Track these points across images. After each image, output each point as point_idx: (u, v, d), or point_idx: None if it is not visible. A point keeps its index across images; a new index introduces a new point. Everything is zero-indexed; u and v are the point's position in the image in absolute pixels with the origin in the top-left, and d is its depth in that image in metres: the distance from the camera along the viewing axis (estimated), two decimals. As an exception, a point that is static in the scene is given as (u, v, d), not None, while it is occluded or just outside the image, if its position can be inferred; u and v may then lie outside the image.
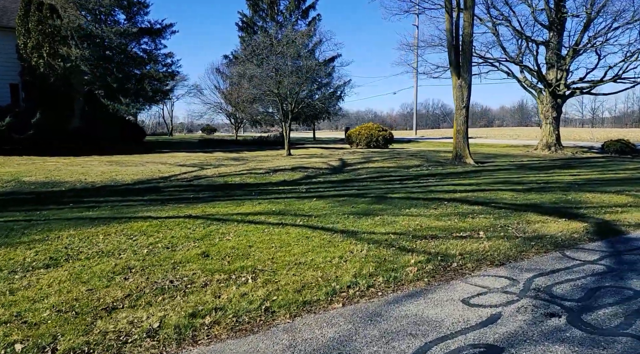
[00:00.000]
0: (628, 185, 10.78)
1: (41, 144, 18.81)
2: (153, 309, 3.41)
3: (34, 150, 18.47)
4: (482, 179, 12.42)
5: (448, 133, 66.98)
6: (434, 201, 8.68)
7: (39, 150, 18.55)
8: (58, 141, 19.69)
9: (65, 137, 19.91)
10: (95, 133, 20.72)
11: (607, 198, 8.84)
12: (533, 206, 8.05)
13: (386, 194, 9.71)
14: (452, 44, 17.36)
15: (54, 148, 19.20)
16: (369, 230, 6.22)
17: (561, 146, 22.79)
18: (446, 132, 75.40)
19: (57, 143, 19.62)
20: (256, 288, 3.88)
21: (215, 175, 12.73)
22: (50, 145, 19.27)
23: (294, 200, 8.88)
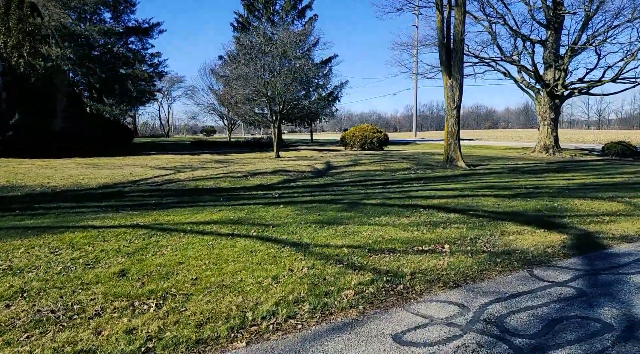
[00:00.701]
0: (622, 190, 10.12)
1: (22, 146, 18.33)
2: (8, 350, 2.82)
3: (14, 152, 18.00)
4: (469, 183, 11.79)
5: (449, 134, 66.30)
6: (409, 208, 8.08)
7: (19, 152, 18.08)
8: (40, 142, 19.21)
9: (48, 139, 19.42)
10: (80, 134, 20.22)
11: (597, 206, 8.20)
12: (514, 215, 7.43)
13: (362, 200, 9.12)
14: (443, 42, 16.76)
15: (36, 150, 18.72)
16: (325, 242, 5.63)
17: (559, 148, 22.10)
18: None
19: (39, 144, 19.14)
20: (152, 320, 3.29)
21: (188, 179, 12.17)
22: (33, 146, 18.80)
23: (259, 207, 8.30)
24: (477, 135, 59.59)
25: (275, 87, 19.81)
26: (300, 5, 38.09)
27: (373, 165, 16.44)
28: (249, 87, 20.32)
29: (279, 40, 20.91)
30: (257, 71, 20.22)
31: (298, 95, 21.22)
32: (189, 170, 14.34)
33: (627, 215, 7.26)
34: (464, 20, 16.42)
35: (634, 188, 10.50)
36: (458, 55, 16.47)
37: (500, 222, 6.86)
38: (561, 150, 22.06)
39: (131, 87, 21.75)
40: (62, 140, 19.79)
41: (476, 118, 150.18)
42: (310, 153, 23.81)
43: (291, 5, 37.66)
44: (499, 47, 21.18)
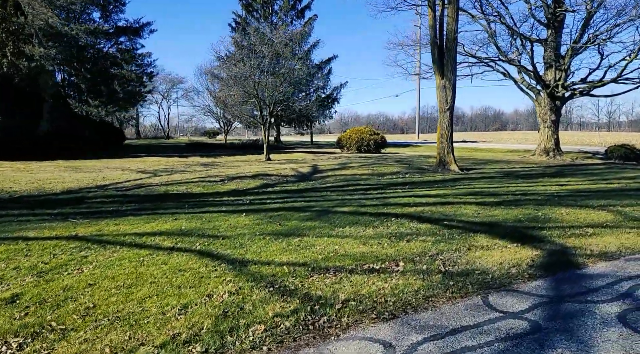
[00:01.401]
0: (616, 198, 9.45)
1: (5, 148, 17.95)
2: None
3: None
4: (455, 189, 11.17)
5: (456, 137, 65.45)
6: (380, 218, 7.51)
7: (2, 154, 17.69)
8: (25, 145, 18.84)
9: (33, 141, 19.04)
10: (66, 136, 19.83)
11: (584, 215, 7.55)
12: (490, 226, 6.82)
13: (334, 207, 8.55)
14: (436, 41, 16.15)
15: (20, 152, 18.35)
16: (269, 259, 5.08)
17: (560, 151, 21.35)
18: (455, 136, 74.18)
19: (24, 146, 18.77)
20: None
21: (162, 183, 11.68)
22: (17, 149, 18.43)
23: (221, 215, 7.76)
24: (483, 137, 58.68)
25: (265, 88, 19.28)
26: (299, 6, 37.62)
27: (362, 168, 15.84)
28: (239, 87, 19.79)
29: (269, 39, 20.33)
30: (247, 71, 19.70)
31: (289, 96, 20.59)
32: (167, 174, 13.85)
33: (614, 227, 6.61)
34: (457, 18, 15.80)
35: (629, 195, 9.82)
36: (451, 55, 15.83)
37: (473, 235, 6.26)
38: (562, 153, 21.30)
39: (118, 88, 21.30)
40: (47, 142, 19.41)
41: (484, 120, 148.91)
42: (302, 156, 23.27)
43: (290, 6, 37.19)
44: (497, 46, 20.49)
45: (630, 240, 5.83)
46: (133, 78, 22.19)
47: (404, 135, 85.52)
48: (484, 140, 47.15)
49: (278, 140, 40.54)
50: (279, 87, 19.08)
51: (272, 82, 19.13)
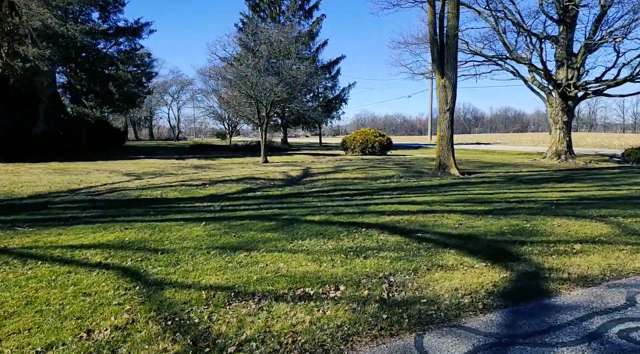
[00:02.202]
0: (622, 206, 8.60)
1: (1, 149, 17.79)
2: None
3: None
4: (447, 195, 10.42)
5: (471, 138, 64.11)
6: (351, 228, 6.87)
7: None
8: (22, 145, 18.67)
9: (30, 142, 18.86)
10: (63, 137, 19.60)
11: (577, 228, 6.77)
12: (466, 239, 6.11)
13: (306, 216, 7.91)
14: (435, 38, 15.37)
15: (16, 153, 18.18)
16: (196, 280, 4.51)
17: (573, 154, 20.28)
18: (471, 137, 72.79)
19: (21, 147, 18.61)
20: None
21: (139, 187, 11.20)
22: (14, 149, 18.27)
23: (177, 224, 7.19)
24: (500, 139, 57.27)
25: (262, 88, 18.74)
26: (307, 5, 37.05)
27: (356, 172, 15.15)
28: (235, 87, 19.28)
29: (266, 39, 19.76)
30: (243, 71, 19.19)
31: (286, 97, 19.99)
32: (152, 177, 13.42)
33: (606, 243, 5.82)
34: (457, 14, 15.00)
35: (636, 203, 8.92)
36: (451, 53, 15.03)
37: (442, 250, 5.56)
38: (575, 156, 20.23)
39: (113, 88, 20.98)
40: (44, 143, 19.22)
41: (504, 122, 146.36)
42: (302, 158, 22.67)
43: (298, 6, 36.64)
44: (505, 44, 19.57)
45: (619, 259, 5.05)
46: (129, 78, 21.88)
47: (419, 137, 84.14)
48: (499, 142, 45.91)
49: (285, 141, 40.03)
50: (274, 87, 18.49)
51: (269, 81, 18.56)
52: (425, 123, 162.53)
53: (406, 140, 65.73)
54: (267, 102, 19.15)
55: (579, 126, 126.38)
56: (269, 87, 18.51)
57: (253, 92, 18.76)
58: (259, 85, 18.78)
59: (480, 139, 58.12)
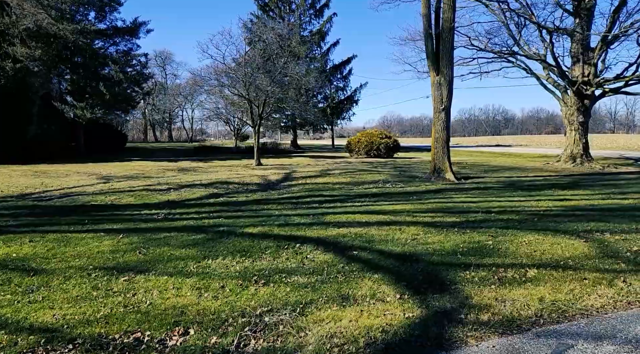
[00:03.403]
0: (617, 219, 7.43)
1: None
2: None
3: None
4: (424, 204, 9.38)
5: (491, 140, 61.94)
6: (286, 243, 6.07)
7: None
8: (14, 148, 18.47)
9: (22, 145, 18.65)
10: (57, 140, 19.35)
11: (547, 246, 5.70)
12: (405, 261, 5.17)
13: (246, 227, 7.08)
14: (429, 32, 14.27)
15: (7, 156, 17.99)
16: (20, 317, 3.70)
17: (589, 157, 18.74)
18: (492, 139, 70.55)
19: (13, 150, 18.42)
20: None
21: (95, 192, 10.59)
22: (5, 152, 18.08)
23: (94, 236, 6.46)
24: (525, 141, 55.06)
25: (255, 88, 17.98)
26: (318, 4, 36.18)
27: (342, 176, 14.19)
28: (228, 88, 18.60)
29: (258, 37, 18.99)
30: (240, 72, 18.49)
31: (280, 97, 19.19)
32: (124, 180, 12.88)
33: (571, 268, 4.75)
34: (453, 6, 13.88)
35: (636, 216, 7.68)
36: (446, 47, 13.91)
37: (366, 275, 4.65)
38: (591, 160, 18.69)
39: (104, 89, 20.55)
40: (36, 146, 18.98)
41: (536, 123, 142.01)
42: (299, 161, 21.83)
43: (308, 5, 35.85)
44: (514, 38, 18.25)
45: (573, 293, 4.00)
46: (121, 79, 21.45)
47: (457, 139, 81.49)
48: (523, 144, 43.98)
49: (295, 143, 39.26)
50: (267, 87, 17.69)
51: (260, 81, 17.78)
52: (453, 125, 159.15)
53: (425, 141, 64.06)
54: (259, 103, 18.38)
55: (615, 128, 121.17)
56: (262, 87, 17.73)
57: (246, 92, 18.02)
58: (252, 85, 18.02)
59: (504, 141, 56.04)
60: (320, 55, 36.64)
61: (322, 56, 36.60)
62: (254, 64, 18.37)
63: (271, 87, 17.49)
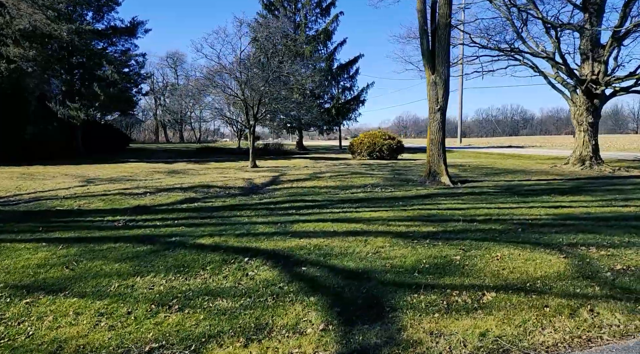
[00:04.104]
0: (610, 230, 6.76)
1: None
2: None
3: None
4: (406, 211, 8.80)
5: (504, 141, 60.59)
6: (233, 256, 5.66)
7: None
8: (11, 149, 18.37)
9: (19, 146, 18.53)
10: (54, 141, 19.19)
11: (520, 263, 5.12)
12: (355, 279, 4.68)
13: (199, 238, 6.61)
14: (424, 28, 13.62)
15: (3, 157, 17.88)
16: None
17: (599, 160, 17.84)
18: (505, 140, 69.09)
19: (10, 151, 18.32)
20: None
21: (66, 197, 10.25)
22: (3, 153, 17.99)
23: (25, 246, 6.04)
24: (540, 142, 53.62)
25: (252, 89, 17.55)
26: (324, 3, 35.61)
27: (333, 180, 13.65)
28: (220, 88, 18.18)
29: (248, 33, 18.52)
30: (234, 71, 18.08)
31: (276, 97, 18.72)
32: (105, 183, 12.52)
33: (537, 291, 4.18)
34: (450, 0, 13.21)
35: (631, 227, 6.98)
36: (442, 45, 13.26)
37: (303, 297, 4.21)
38: (601, 162, 17.78)
39: (98, 90, 20.31)
40: (33, 147, 18.85)
41: (555, 123, 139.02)
42: (297, 163, 21.33)
43: (315, 4, 35.31)
44: (519, 33, 17.46)
45: (525, 326, 3.45)
46: (116, 79, 21.18)
47: (470, 139, 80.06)
48: (536, 145, 42.79)
49: (300, 144, 38.75)
50: (260, 87, 17.22)
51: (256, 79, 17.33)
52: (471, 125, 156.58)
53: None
54: (254, 103, 17.94)
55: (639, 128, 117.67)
56: (255, 88, 17.28)
57: (241, 91, 17.59)
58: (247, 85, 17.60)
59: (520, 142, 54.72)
60: (327, 54, 36.06)
61: (329, 55, 36.01)
62: (248, 63, 17.91)
63: (264, 87, 17.03)
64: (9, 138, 18.42)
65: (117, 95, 21.47)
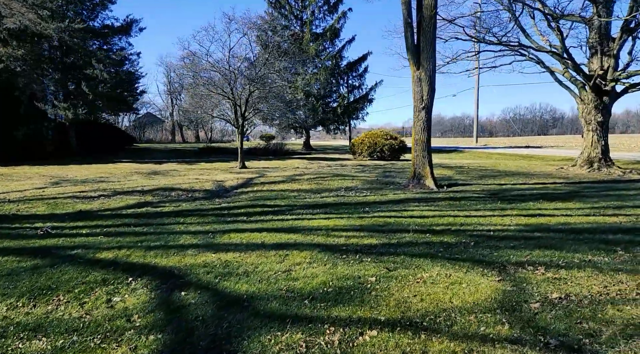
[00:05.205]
0: (576, 246, 5.85)
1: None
2: None
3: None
4: (367, 218, 8.03)
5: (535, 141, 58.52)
6: (122, 276, 5.02)
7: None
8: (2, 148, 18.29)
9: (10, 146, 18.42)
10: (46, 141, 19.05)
11: (441, 288, 4.35)
12: (233, 306, 3.99)
13: (108, 249, 5.98)
14: (409, 21, 12.72)
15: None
16: None
17: (608, 162, 16.54)
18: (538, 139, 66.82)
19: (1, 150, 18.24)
20: None
21: (14, 200, 9.83)
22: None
23: None
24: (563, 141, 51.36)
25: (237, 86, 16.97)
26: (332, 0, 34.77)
27: (309, 183, 12.92)
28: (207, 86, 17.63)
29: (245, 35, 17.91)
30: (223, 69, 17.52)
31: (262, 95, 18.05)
32: (71, 184, 12.15)
33: (425, 331, 3.38)
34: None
35: (606, 240, 6.01)
36: (428, 38, 12.34)
37: (135, 337, 3.41)
38: (611, 164, 16.47)
39: (86, 89, 20.00)
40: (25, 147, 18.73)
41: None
42: (291, 164, 20.63)
43: (323, 1, 34.53)
44: (521, 27, 16.35)
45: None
46: (105, 78, 20.83)
47: (489, 139, 77.78)
48: (554, 146, 40.95)
49: (307, 144, 38.01)
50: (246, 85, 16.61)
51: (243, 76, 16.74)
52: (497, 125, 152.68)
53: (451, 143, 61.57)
54: (241, 102, 17.34)
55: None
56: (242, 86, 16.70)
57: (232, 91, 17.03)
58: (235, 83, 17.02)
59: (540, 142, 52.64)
60: (335, 52, 35.21)
61: (336, 53, 35.17)
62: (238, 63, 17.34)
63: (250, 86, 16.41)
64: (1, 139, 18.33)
65: (107, 94, 21.17)
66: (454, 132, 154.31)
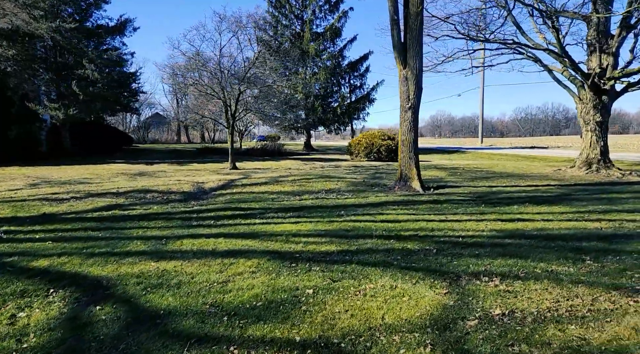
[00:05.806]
0: (543, 254, 5.46)
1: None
2: None
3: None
4: (337, 222, 7.70)
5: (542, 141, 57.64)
6: (48, 286, 4.78)
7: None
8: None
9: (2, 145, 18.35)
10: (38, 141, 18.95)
11: (379, 302, 4.04)
12: (143, 324, 3.60)
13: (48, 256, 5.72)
14: (395, 18, 12.34)
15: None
16: None
17: (608, 163, 15.98)
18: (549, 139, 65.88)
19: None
20: None
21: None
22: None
23: None
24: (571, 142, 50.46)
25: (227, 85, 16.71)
26: (333, 0, 34.41)
27: (291, 185, 12.58)
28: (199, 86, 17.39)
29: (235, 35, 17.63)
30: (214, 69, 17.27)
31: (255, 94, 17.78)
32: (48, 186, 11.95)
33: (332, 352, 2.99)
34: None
35: (571, 249, 5.59)
36: (414, 36, 11.95)
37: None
38: (611, 166, 15.91)
39: (76, 89, 19.83)
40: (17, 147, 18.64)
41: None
42: (283, 165, 20.32)
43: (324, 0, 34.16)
44: (517, 24, 15.88)
45: None
46: (97, 78, 20.64)
47: (492, 139, 76.96)
48: (560, 146, 40.21)
49: (308, 144, 37.66)
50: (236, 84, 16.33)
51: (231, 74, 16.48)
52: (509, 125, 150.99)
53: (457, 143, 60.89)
54: (231, 102, 17.07)
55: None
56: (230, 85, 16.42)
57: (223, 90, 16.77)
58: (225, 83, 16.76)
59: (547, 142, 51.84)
60: (336, 52, 34.84)
61: (337, 53, 34.79)
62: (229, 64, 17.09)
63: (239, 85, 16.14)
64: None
65: (99, 94, 21.01)
66: (464, 132, 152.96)
